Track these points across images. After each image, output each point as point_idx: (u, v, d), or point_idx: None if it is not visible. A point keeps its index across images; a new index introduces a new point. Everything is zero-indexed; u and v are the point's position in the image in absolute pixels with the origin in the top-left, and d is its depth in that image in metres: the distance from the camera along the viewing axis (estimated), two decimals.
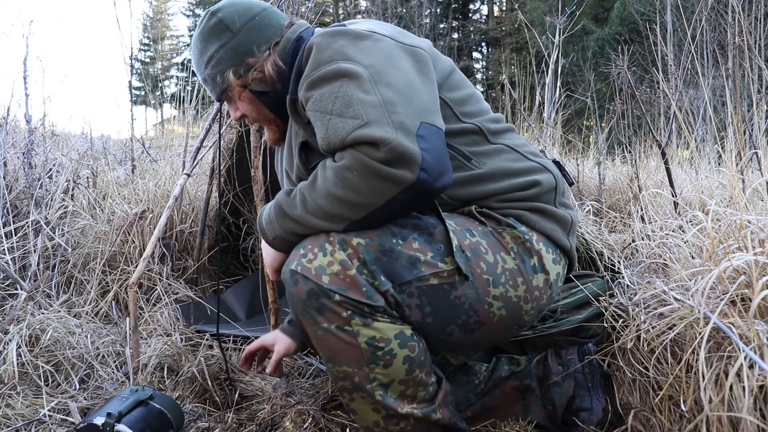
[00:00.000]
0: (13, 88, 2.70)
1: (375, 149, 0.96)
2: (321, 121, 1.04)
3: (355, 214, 1.02)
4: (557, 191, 1.24)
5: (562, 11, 4.23)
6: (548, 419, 1.32)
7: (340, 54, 1.07)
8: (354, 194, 0.99)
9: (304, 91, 1.10)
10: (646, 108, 4.55)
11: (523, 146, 1.26)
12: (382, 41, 1.12)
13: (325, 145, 1.03)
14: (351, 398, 1.11)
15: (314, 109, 1.06)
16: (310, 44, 1.13)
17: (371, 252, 1.04)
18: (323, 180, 1.03)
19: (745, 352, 0.94)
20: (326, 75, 1.06)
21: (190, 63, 1.38)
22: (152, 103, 8.65)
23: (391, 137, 0.96)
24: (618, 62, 2.76)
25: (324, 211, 1.03)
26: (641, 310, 1.31)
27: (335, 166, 1.00)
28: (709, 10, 4.79)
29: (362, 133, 0.97)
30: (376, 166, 0.96)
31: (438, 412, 1.12)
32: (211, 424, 1.46)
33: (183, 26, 29.09)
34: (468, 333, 1.13)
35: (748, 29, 4.74)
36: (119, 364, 1.80)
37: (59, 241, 2.31)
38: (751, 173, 2.18)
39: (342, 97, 1.02)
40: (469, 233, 1.13)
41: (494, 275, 1.11)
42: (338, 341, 1.05)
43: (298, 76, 1.15)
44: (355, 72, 1.04)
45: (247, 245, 2.91)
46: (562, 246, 1.21)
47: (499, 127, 1.25)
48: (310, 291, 1.04)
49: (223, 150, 2.48)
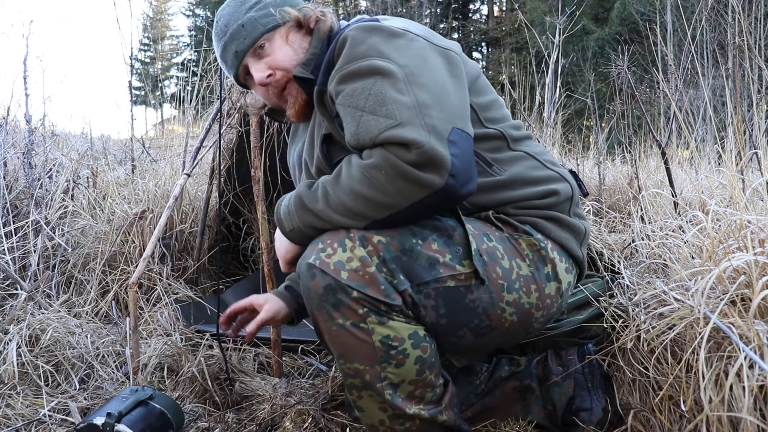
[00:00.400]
0: (13, 88, 2.71)
1: (406, 151, 0.96)
2: (352, 117, 1.03)
3: (378, 214, 1.01)
4: (572, 201, 1.24)
5: (562, 11, 4.23)
6: (548, 419, 1.32)
7: (375, 50, 1.06)
8: (380, 194, 0.99)
9: (336, 84, 1.08)
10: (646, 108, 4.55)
11: (542, 154, 1.26)
12: (416, 41, 1.11)
13: (354, 141, 1.02)
14: (359, 396, 1.10)
15: (345, 103, 1.05)
16: (344, 37, 1.11)
17: (391, 250, 1.04)
18: (348, 177, 1.02)
19: (745, 352, 0.94)
20: (360, 70, 1.05)
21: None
22: (152, 103, 8.65)
23: (424, 140, 0.96)
24: (618, 62, 2.76)
25: (346, 207, 1.02)
26: (641, 311, 1.31)
27: (363, 164, 1.00)
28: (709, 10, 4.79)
29: (394, 134, 0.96)
30: (406, 168, 0.96)
31: (444, 413, 1.12)
32: (211, 424, 1.46)
33: (183, 26, 29.12)
34: (479, 337, 1.13)
35: (748, 29, 4.74)
36: (119, 364, 1.80)
37: (59, 241, 2.31)
38: (751, 173, 2.18)
39: (375, 95, 1.01)
40: (486, 238, 1.12)
41: (509, 281, 1.11)
42: (352, 338, 1.04)
43: (329, 68, 1.14)
44: (389, 70, 1.03)
45: (247, 245, 2.91)
46: (575, 256, 1.21)
47: (519, 134, 1.25)
48: (328, 286, 1.03)
49: (223, 150, 2.47)
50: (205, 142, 2.41)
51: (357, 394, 1.10)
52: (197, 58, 4.27)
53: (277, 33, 1.25)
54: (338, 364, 1.10)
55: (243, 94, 2.18)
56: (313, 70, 1.21)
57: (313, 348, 1.97)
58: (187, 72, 3.93)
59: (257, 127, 1.85)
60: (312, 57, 1.22)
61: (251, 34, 1.24)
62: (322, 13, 1.26)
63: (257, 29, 1.23)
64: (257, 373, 1.79)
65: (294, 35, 1.26)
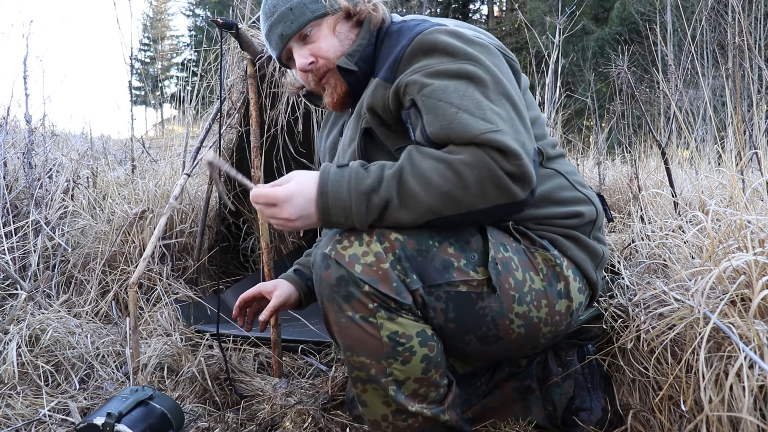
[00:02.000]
0: (13, 88, 2.72)
1: (505, 159, 0.97)
2: (444, 111, 1.02)
3: (448, 210, 1.01)
4: (595, 225, 1.24)
5: (562, 11, 4.23)
6: (548, 420, 1.32)
7: (462, 54, 1.07)
8: (461, 191, 0.99)
9: (422, 76, 1.06)
10: (646, 108, 4.55)
11: (572, 174, 1.26)
12: (490, 49, 1.12)
13: (443, 134, 1.01)
14: (363, 389, 1.10)
15: (435, 97, 1.03)
16: (422, 38, 1.10)
17: (407, 249, 1.04)
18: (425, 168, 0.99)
19: (745, 352, 0.94)
20: (450, 71, 1.05)
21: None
22: (152, 103, 8.65)
23: (522, 154, 0.98)
24: (618, 62, 2.76)
25: (416, 199, 1.00)
26: (641, 311, 1.31)
27: (450, 157, 0.99)
28: (709, 10, 4.79)
29: (497, 138, 0.97)
30: (500, 175, 0.97)
31: (446, 413, 1.12)
32: (211, 424, 1.46)
33: (183, 26, 29.13)
34: (484, 345, 1.13)
35: (748, 29, 4.74)
36: (119, 364, 1.80)
37: (59, 241, 2.31)
38: (751, 173, 2.18)
39: (471, 98, 1.02)
40: (503, 248, 1.12)
41: (521, 293, 1.11)
42: (360, 331, 1.04)
43: (396, 62, 1.13)
44: (480, 78, 1.04)
45: (247, 245, 2.91)
46: (589, 278, 1.21)
47: (555, 152, 1.25)
48: (341, 278, 1.03)
49: (223, 150, 2.48)
50: (205, 142, 2.41)
51: (362, 387, 1.10)
52: (197, 58, 4.27)
53: (324, 21, 1.24)
54: (344, 356, 1.10)
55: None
56: (358, 61, 1.21)
57: (313, 348, 1.97)
58: (187, 72, 3.93)
59: (257, 127, 1.85)
60: (358, 48, 1.22)
61: (298, 19, 1.23)
62: (374, 6, 1.24)
63: (305, 15, 1.23)
64: (257, 373, 1.79)
65: (341, 26, 1.25)
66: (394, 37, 1.20)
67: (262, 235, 1.85)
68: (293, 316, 2.16)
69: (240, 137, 2.43)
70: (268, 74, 2.17)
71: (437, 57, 1.08)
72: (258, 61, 2.02)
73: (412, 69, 1.09)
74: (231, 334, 2.01)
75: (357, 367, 1.08)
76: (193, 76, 3.50)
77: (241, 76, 2.31)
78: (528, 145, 1.02)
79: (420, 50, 1.10)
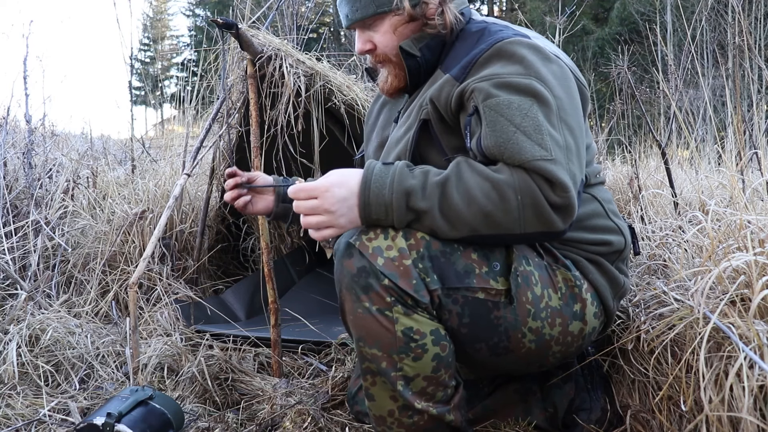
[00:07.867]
0: (13, 88, 2.71)
1: (551, 189, 0.98)
2: (503, 128, 1.02)
3: (486, 229, 1.01)
4: (621, 255, 1.24)
5: (562, 11, 4.23)
6: (549, 421, 1.32)
7: (535, 71, 1.06)
8: (502, 213, 0.99)
9: (489, 86, 1.06)
10: (646, 108, 4.55)
11: (608, 203, 1.25)
12: (565, 71, 1.12)
13: (496, 150, 1.02)
14: (372, 382, 1.10)
15: (498, 111, 1.04)
16: (501, 46, 1.10)
17: (432, 249, 1.04)
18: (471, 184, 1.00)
19: (745, 352, 0.94)
20: (519, 85, 1.05)
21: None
22: (152, 103, 8.65)
23: (570, 187, 0.98)
24: (618, 62, 2.76)
25: (457, 213, 1.01)
26: (641, 311, 1.31)
27: (497, 177, 0.99)
28: (709, 10, 4.79)
29: (548, 168, 0.98)
30: (544, 205, 0.97)
31: (452, 413, 1.12)
32: (211, 424, 1.46)
33: (183, 26, 29.11)
34: (493, 355, 1.13)
35: (748, 29, 4.74)
36: (119, 364, 1.80)
37: (59, 241, 2.31)
38: (751, 173, 2.18)
39: (532, 118, 1.02)
40: (525, 261, 1.12)
41: (537, 308, 1.11)
42: (375, 323, 1.04)
43: (470, 63, 1.13)
44: (546, 99, 1.04)
45: (247, 245, 2.91)
46: (606, 305, 1.20)
47: (596, 180, 1.25)
48: (362, 268, 1.03)
49: (223, 150, 2.48)
50: (205, 142, 2.41)
51: (371, 380, 1.10)
52: (197, 58, 4.27)
53: (387, 19, 1.24)
54: (356, 347, 1.10)
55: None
56: (423, 48, 1.22)
57: (313, 348, 1.97)
58: (187, 72, 3.93)
59: (257, 127, 1.85)
60: (425, 36, 1.22)
61: (362, 10, 1.23)
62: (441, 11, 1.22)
63: (369, 8, 1.23)
64: (257, 373, 1.79)
65: (403, 28, 1.24)
66: (474, 37, 1.20)
67: (262, 235, 1.85)
68: (293, 316, 2.16)
69: (240, 137, 2.43)
70: (268, 74, 2.17)
71: (510, 67, 1.08)
72: (258, 61, 2.02)
73: (483, 75, 1.09)
74: (231, 334, 2.01)
75: (368, 359, 1.08)
76: (193, 76, 3.49)
77: (241, 76, 2.31)
78: (577, 177, 1.02)
79: (496, 57, 1.10)
